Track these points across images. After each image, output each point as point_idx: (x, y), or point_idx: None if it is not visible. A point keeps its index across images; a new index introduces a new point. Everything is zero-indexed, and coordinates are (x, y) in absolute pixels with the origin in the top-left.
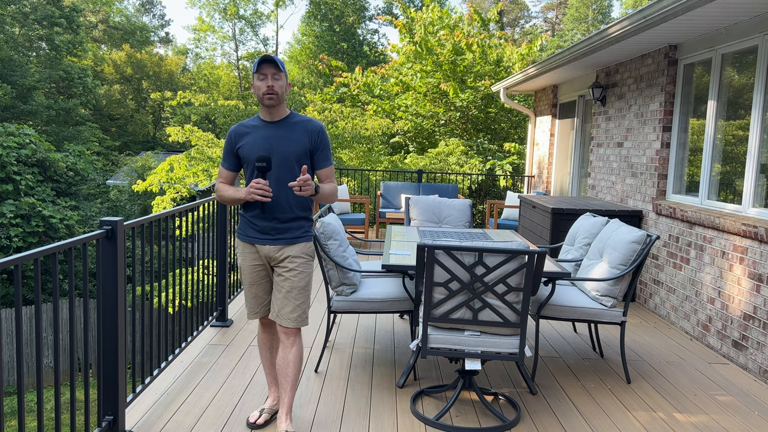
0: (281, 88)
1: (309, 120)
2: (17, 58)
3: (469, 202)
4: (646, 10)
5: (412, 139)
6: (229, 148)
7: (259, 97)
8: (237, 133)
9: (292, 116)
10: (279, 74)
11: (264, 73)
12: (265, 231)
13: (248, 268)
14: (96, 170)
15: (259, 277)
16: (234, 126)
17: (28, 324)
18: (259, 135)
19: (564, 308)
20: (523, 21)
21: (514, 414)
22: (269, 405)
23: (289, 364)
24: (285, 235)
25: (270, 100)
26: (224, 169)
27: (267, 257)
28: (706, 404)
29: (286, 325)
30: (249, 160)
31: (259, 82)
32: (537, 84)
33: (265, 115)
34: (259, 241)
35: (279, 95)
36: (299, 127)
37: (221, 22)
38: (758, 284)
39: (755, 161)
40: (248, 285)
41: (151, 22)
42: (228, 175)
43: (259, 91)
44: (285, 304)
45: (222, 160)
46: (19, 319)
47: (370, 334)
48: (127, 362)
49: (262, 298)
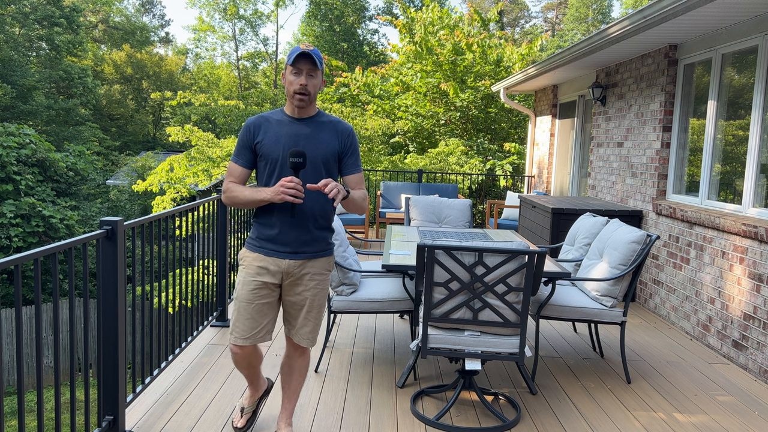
0: (315, 88)
1: (339, 121)
2: (17, 58)
3: (469, 202)
4: (646, 10)
5: (412, 139)
6: (245, 142)
7: (289, 93)
8: (257, 125)
9: (320, 115)
10: (316, 72)
11: (299, 68)
12: (286, 242)
13: (250, 284)
14: (96, 170)
15: (259, 297)
16: (253, 117)
17: (28, 324)
18: (284, 131)
19: (564, 308)
20: (523, 21)
21: (514, 414)
22: (249, 402)
23: (295, 371)
24: (308, 248)
25: (301, 101)
26: (237, 165)
27: (284, 273)
28: (706, 404)
29: (304, 345)
30: (270, 158)
31: (292, 77)
32: (537, 84)
33: (291, 110)
34: (279, 254)
35: (311, 95)
36: (328, 128)
37: (221, 22)
38: (758, 284)
39: (755, 161)
40: (245, 303)
41: (151, 22)
42: (241, 173)
43: (290, 86)
44: (304, 324)
45: (234, 155)
46: (19, 319)
47: (370, 334)
48: (127, 362)
49: (258, 322)
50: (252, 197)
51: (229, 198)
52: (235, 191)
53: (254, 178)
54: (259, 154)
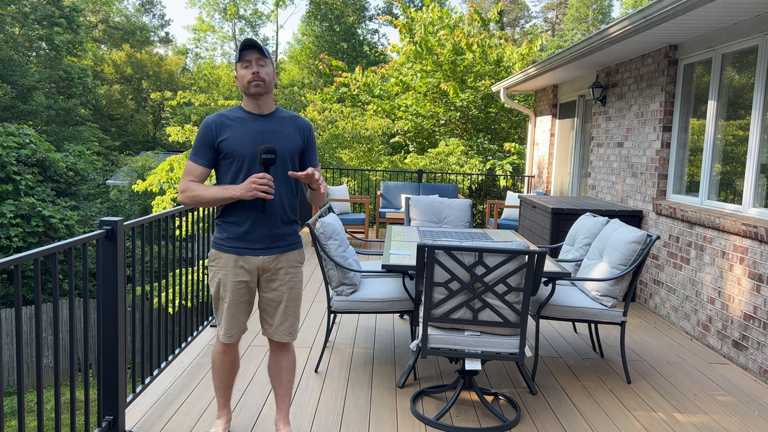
0: (268, 75)
1: (297, 116)
2: (17, 58)
3: (469, 202)
4: (646, 10)
5: (412, 139)
6: (206, 141)
7: (244, 86)
8: (219, 124)
9: (279, 111)
10: (264, 60)
11: (248, 59)
12: (258, 239)
13: (232, 284)
14: (96, 170)
15: (240, 295)
16: (212, 116)
17: (28, 324)
18: (249, 128)
19: (564, 308)
20: (523, 21)
21: (514, 414)
22: (223, 427)
23: (284, 370)
24: (281, 243)
25: (257, 87)
26: (197, 165)
27: (259, 269)
28: (706, 404)
29: (286, 341)
30: (237, 155)
31: (244, 71)
32: (537, 84)
33: (251, 106)
34: (252, 252)
35: (266, 82)
36: (290, 123)
37: (221, 22)
38: (758, 284)
39: (755, 161)
40: (229, 303)
41: (151, 22)
42: (201, 173)
43: (243, 80)
44: (284, 320)
45: (193, 154)
46: (19, 319)
47: (370, 334)
48: (127, 362)
49: (239, 320)
50: (219, 195)
51: (190, 197)
52: (197, 190)
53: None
54: (223, 153)
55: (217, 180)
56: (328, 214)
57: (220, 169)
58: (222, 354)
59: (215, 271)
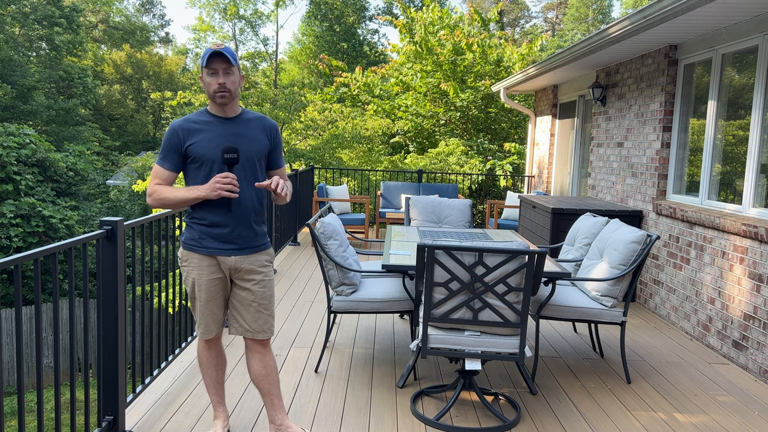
0: (233, 84)
1: (263, 117)
2: (17, 58)
3: (469, 202)
4: (646, 10)
5: (412, 139)
6: (173, 146)
7: (210, 94)
8: (185, 129)
9: (245, 113)
10: (231, 69)
11: (214, 68)
12: (229, 240)
13: (207, 282)
14: (96, 170)
15: (216, 292)
16: (179, 121)
17: (28, 324)
18: (216, 132)
19: (564, 308)
20: (523, 21)
21: (514, 414)
22: (221, 427)
23: (272, 370)
24: (251, 243)
25: (222, 98)
26: (163, 169)
27: (231, 269)
28: (706, 404)
29: (261, 338)
30: (205, 159)
31: (210, 78)
32: (537, 84)
33: (216, 110)
34: (223, 252)
35: (232, 92)
36: (256, 125)
37: (221, 22)
38: (758, 284)
39: (755, 161)
40: (205, 302)
41: (151, 22)
42: (168, 177)
43: (209, 87)
44: (257, 318)
45: (160, 159)
46: (19, 319)
47: (370, 335)
48: (127, 362)
49: (218, 315)
50: (185, 196)
51: (158, 200)
52: (164, 192)
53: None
54: (191, 157)
55: (186, 184)
56: (328, 214)
57: (189, 172)
58: (206, 351)
59: (188, 271)
